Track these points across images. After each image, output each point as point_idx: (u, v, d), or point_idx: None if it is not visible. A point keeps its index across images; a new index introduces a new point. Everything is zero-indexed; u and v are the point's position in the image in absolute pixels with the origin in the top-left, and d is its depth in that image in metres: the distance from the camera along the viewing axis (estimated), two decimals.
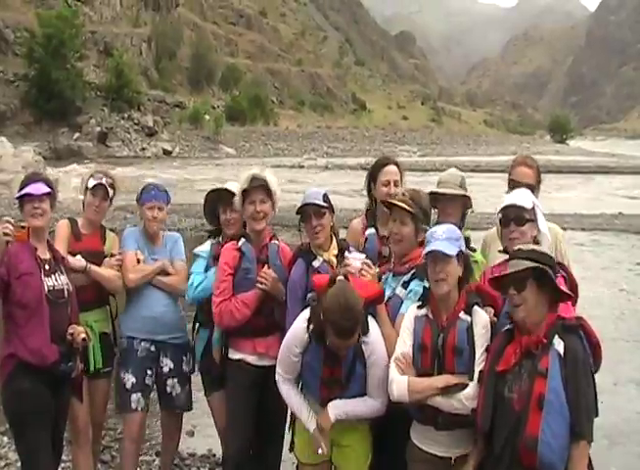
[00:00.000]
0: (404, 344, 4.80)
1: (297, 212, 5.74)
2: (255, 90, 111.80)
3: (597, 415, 4.32)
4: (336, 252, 5.74)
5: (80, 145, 65.24)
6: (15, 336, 5.44)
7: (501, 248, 5.16)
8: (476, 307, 4.73)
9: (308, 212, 5.66)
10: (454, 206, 5.84)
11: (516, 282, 4.30)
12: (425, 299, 4.85)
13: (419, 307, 4.85)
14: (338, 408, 4.96)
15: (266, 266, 5.86)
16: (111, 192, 6.40)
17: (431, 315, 4.75)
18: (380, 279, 5.32)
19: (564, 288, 4.41)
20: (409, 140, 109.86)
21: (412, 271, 5.17)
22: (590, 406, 4.21)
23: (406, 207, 5.14)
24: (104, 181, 6.32)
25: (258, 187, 5.85)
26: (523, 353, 4.30)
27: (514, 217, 4.98)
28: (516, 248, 4.46)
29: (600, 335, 4.49)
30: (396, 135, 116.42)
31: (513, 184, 5.76)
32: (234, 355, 5.94)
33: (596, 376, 4.35)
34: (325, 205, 5.67)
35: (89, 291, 6.18)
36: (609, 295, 16.27)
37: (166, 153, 70.69)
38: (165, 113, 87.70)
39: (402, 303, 5.09)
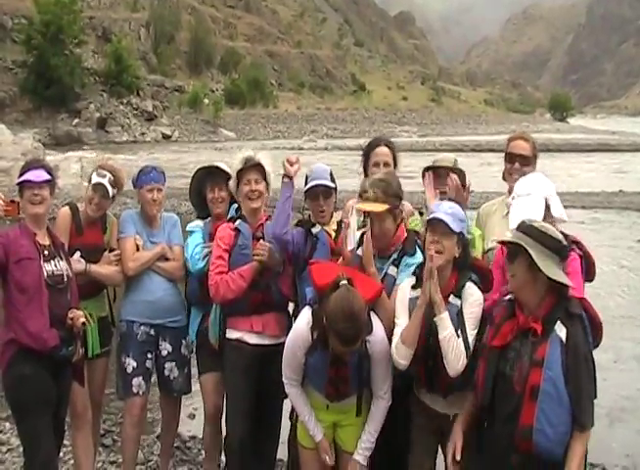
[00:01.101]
0: (402, 322, 4.84)
1: (306, 191, 5.81)
2: (255, 73, 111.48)
3: (595, 397, 4.32)
4: (335, 227, 5.81)
5: (80, 131, 65.24)
6: (14, 321, 5.46)
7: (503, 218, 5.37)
8: (468, 284, 4.74)
9: (317, 193, 5.74)
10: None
11: (509, 252, 4.32)
12: (418, 277, 4.85)
13: (413, 287, 4.87)
14: (365, 453, 5.03)
15: (262, 240, 5.87)
16: (112, 191, 6.30)
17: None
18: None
19: (563, 278, 4.27)
20: (409, 120, 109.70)
21: (398, 250, 5.19)
22: (591, 396, 4.20)
23: (379, 209, 5.08)
24: (105, 181, 6.24)
25: (253, 167, 5.89)
26: (519, 332, 4.28)
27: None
28: (526, 220, 4.40)
29: (601, 312, 4.51)
30: (396, 116, 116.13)
31: (510, 157, 5.76)
32: (231, 335, 5.96)
33: (597, 354, 4.33)
34: (333, 185, 5.75)
35: (88, 284, 6.19)
36: (609, 272, 16.26)
37: (166, 137, 70.69)
38: (164, 97, 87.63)
39: (395, 280, 5.13)
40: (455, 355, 4.56)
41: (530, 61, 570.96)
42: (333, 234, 5.78)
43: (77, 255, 6.18)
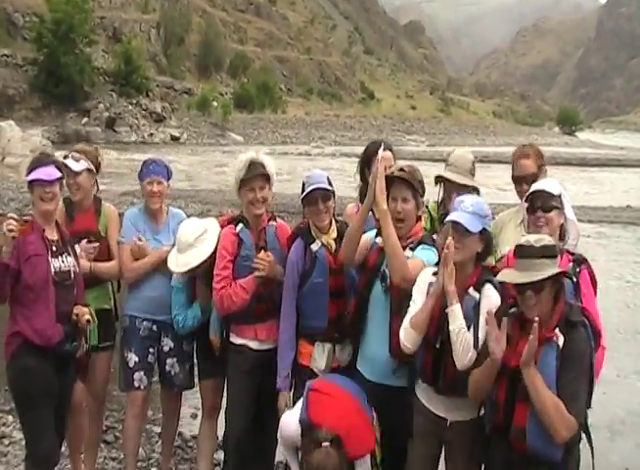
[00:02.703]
0: (417, 304, 4.86)
1: (304, 197, 5.74)
2: (264, 78, 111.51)
3: (589, 407, 4.34)
4: (335, 235, 5.76)
5: (88, 130, 65.22)
6: (20, 316, 5.50)
7: (517, 227, 5.42)
8: (487, 285, 4.74)
9: (315, 196, 5.66)
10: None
11: (535, 285, 4.26)
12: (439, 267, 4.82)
13: (434, 274, 4.86)
14: None
15: (262, 251, 5.85)
16: (79, 167, 6.27)
17: None
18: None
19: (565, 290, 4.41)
20: (417, 130, 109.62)
21: (415, 242, 5.22)
22: (577, 393, 4.17)
23: (407, 178, 5.15)
24: (69, 162, 6.24)
25: (257, 176, 5.84)
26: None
27: (541, 204, 4.98)
28: (524, 240, 4.37)
29: (604, 326, 4.53)
30: (404, 125, 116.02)
31: (516, 180, 5.82)
32: (235, 340, 6.00)
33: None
34: (331, 188, 5.71)
35: (88, 276, 6.20)
36: (614, 286, 16.27)
37: (174, 139, 70.63)
38: (173, 99, 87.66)
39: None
40: (464, 349, 4.56)
41: (540, 74, 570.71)
42: (333, 245, 5.72)
43: (84, 242, 6.22)
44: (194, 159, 48.71)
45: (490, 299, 4.69)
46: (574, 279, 4.76)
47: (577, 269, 4.87)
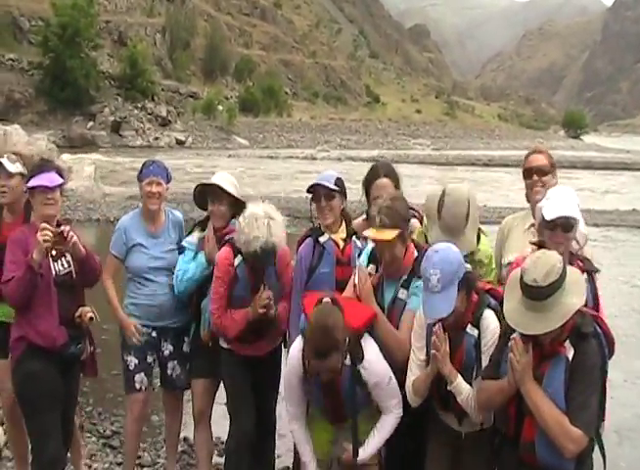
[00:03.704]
0: (418, 351, 4.85)
1: (308, 191, 5.80)
2: (269, 81, 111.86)
3: (603, 419, 4.29)
4: (344, 235, 5.79)
5: (94, 134, 65.51)
6: (24, 320, 5.51)
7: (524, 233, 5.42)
8: (485, 313, 4.64)
9: (319, 193, 5.72)
10: None
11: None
12: None
13: None
14: (364, 454, 4.95)
15: (262, 287, 5.72)
16: (13, 168, 6.06)
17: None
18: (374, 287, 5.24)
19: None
20: (422, 133, 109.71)
21: (408, 271, 5.15)
22: (587, 405, 4.07)
23: (389, 237, 5.00)
24: (4, 160, 6.04)
25: (266, 263, 5.71)
26: (541, 359, 4.19)
27: (562, 224, 4.83)
28: (531, 280, 4.05)
29: (612, 331, 4.47)
30: (410, 128, 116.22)
31: (527, 173, 5.72)
32: (224, 345, 6.01)
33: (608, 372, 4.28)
34: (335, 188, 5.70)
35: None
36: (621, 291, 16.21)
37: (180, 143, 70.82)
38: (179, 103, 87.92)
39: (405, 304, 5.09)
40: (477, 411, 4.57)
41: (545, 77, 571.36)
42: (341, 243, 5.76)
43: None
44: (200, 162, 48.69)
45: (489, 331, 4.61)
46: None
47: (590, 279, 4.86)
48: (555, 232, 4.83)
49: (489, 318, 4.63)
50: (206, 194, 6.26)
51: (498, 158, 59.88)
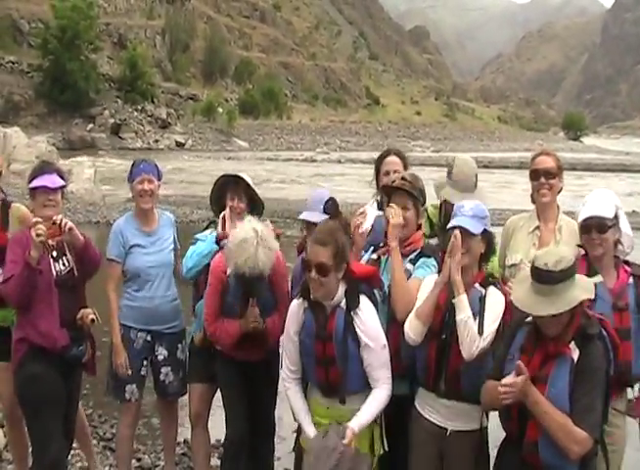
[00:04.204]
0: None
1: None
2: (269, 84, 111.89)
3: (606, 421, 4.30)
4: None
5: (94, 136, 65.58)
6: (25, 320, 5.53)
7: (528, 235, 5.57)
8: (492, 288, 4.76)
9: (308, 225, 5.76)
10: None
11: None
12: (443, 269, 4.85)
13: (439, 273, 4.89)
14: (355, 424, 4.85)
15: (251, 302, 5.69)
16: None
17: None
18: (379, 261, 5.35)
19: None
20: (422, 135, 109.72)
21: (416, 252, 5.24)
22: (592, 407, 4.08)
23: (408, 189, 5.21)
24: None
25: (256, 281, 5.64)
26: (547, 358, 4.21)
27: (596, 225, 4.90)
28: (542, 263, 4.14)
29: None
30: (410, 130, 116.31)
31: (534, 174, 5.73)
32: (217, 347, 5.99)
33: None
34: (318, 220, 5.57)
35: None
36: None
37: (179, 145, 70.89)
38: (179, 105, 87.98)
39: (411, 275, 5.15)
40: (470, 339, 4.54)
41: (545, 79, 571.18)
42: None
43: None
44: (199, 165, 48.69)
45: (496, 296, 4.73)
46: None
47: (637, 284, 4.96)
48: (590, 234, 4.88)
49: (496, 290, 4.78)
50: (226, 189, 6.27)
51: (498, 159, 59.94)
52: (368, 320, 4.86)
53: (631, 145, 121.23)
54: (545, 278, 4.09)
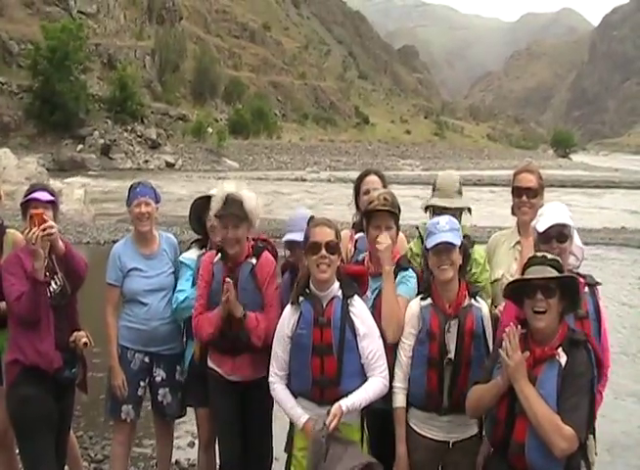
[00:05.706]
0: (409, 334, 5.01)
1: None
2: (259, 103, 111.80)
3: (592, 431, 4.42)
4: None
5: (84, 157, 65.39)
6: (25, 341, 5.51)
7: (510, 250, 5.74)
8: (477, 298, 4.98)
9: (291, 246, 5.90)
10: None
11: (545, 288, 4.31)
12: (426, 289, 5.04)
13: (422, 299, 5.01)
14: (346, 404, 4.87)
15: (224, 280, 5.60)
16: None
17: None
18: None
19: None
20: (412, 154, 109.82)
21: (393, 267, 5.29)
22: (579, 408, 4.18)
23: (389, 209, 5.32)
24: None
25: (231, 215, 5.64)
26: (534, 364, 4.32)
27: (556, 235, 5.04)
28: (540, 254, 4.52)
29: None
30: (399, 149, 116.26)
31: (517, 191, 5.82)
32: (210, 364, 6.01)
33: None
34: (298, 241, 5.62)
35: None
36: (610, 308, 16.22)
37: (169, 165, 70.79)
38: (169, 125, 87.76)
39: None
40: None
41: (534, 97, 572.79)
42: None
43: None
44: (189, 185, 48.67)
45: (485, 307, 5.00)
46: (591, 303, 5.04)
47: (592, 293, 5.11)
48: (550, 244, 4.96)
49: (482, 301, 5.06)
50: (205, 208, 6.19)
51: (487, 177, 60.16)
52: (363, 311, 5.01)
53: (620, 161, 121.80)
54: (538, 261, 4.45)
